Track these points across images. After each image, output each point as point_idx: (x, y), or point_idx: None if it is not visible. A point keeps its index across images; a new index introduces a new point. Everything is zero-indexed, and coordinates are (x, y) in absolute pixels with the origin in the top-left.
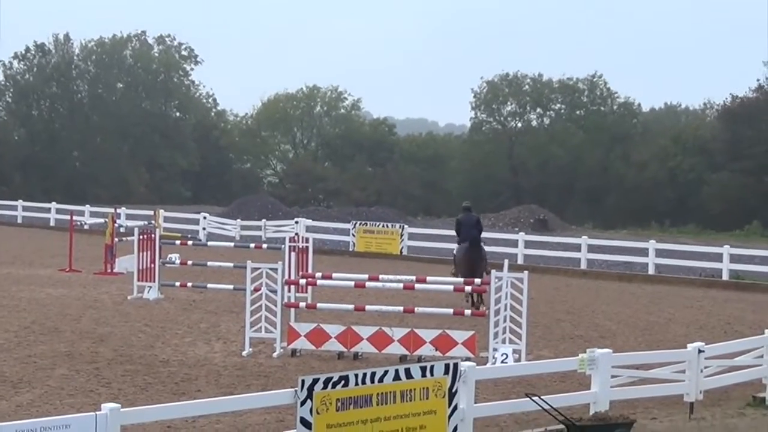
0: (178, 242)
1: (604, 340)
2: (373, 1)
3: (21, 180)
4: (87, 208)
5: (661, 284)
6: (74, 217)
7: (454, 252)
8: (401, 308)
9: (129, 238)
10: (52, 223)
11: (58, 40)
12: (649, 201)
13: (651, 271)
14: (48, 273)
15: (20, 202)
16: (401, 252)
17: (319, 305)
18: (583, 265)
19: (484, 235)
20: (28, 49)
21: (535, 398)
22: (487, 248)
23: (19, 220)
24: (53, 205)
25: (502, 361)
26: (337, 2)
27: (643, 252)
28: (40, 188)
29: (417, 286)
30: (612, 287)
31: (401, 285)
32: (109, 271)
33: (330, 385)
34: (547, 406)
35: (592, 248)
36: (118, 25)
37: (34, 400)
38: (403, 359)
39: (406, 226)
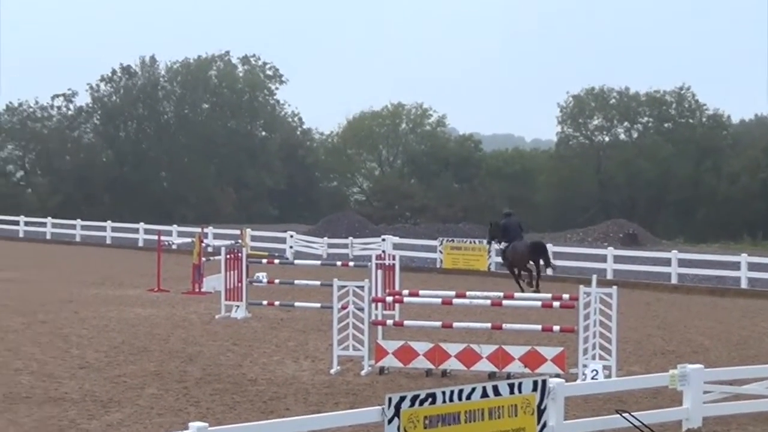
0: (265, 261)
1: (697, 355)
2: (458, 18)
3: (110, 201)
4: (174, 228)
5: (755, 298)
6: (162, 238)
7: (507, 248)
8: (489, 325)
9: (216, 258)
10: (140, 244)
11: (144, 62)
12: (740, 214)
13: (744, 285)
14: (137, 293)
15: (109, 223)
16: (489, 268)
17: (406, 323)
18: (674, 280)
19: (573, 249)
20: (114, 72)
21: (625, 415)
22: (575, 263)
23: (108, 241)
24: (141, 226)
25: (592, 378)
26: (421, 20)
27: (735, 266)
28: (128, 209)
29: (505, 302)
30: (704, 301)
31: (489, 301)
32: (196, 290)
33: (417, 403)
34: (638, 423)
35: (682, 262)
36: (203, 46)
37: (123, 419)
38: (491, 376)
39: (493, 243)
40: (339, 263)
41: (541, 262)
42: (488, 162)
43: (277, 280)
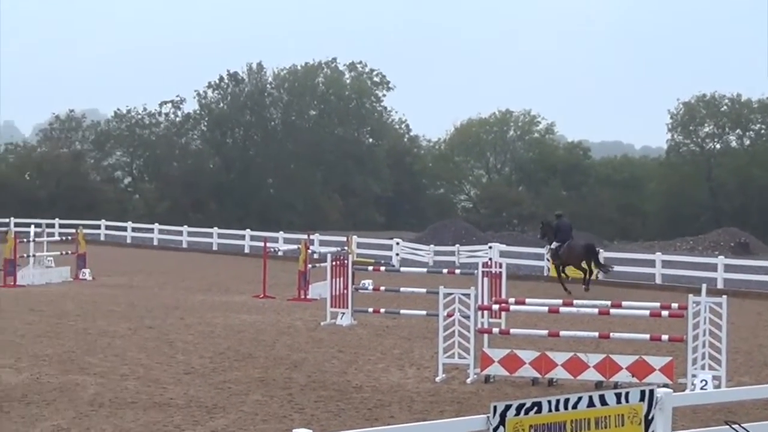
0: (371, 268)
1: None
2: (566, 24)
3: (216, 207)
4: (281, 235)
5: None
6: (268, 244)
7: (560, 248)
8: (596, 334)
9: (322, 265)
10: (246, 250)
11: (252, 68)
12: None
13: None
14: (242, 299)
15: (215, 230)
16: (596, 277)
17: (512, 331)
18: None
19: (683, 258)
20: (221, 79)
21: (735, 426)
22: (684, 272)
23: (215, 248)
24: (248, 232)
25: (701, 388)
26: (528, 26)
27: None
28: (234, 215)
29: (612, 311)
30: None
31: (596, 310)
32: (302, 297)
33: (523, 412)
34: None
35: None
36: (310, 52)
37: (228, 425)
38: (598, 386)
39: (601, 251)
40: (445, 271)
41: (592, 264)
42: (597, 169)
43: (382, 288)
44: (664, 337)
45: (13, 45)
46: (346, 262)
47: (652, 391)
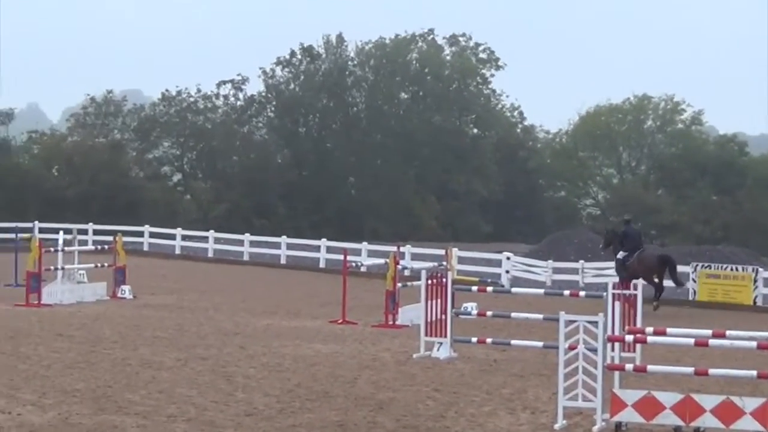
0: (475, 288)
1: None
2: None
3: (285, 212)
4: (364, 246)
5: None
6: (349, 257)
7: (628, 258)
8: (755, 373)
9: (415, 283)
10: (321, 264)
11: (330, 42)
12: None
13: None
14: (317, 325)
15: (284, 239)
16: (755, 302)
17: (649, 368)
18: None
19: None
20: (293, 54)
21: None
22: None
23: (283, 261)
24: (323, 243)
25: None
26: None
27: None
28: (307, 222)
29: None
30: None
31: (754, 343)
32: (390, 322)
33: None
34: None
35: None
36: (401, 23)
37: None
38: None
39: (761, 270)
40: (567, 292)
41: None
42: (756, 169)
43: (489, 313)
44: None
45: (39, 12)
46: (444, 280)
47: None
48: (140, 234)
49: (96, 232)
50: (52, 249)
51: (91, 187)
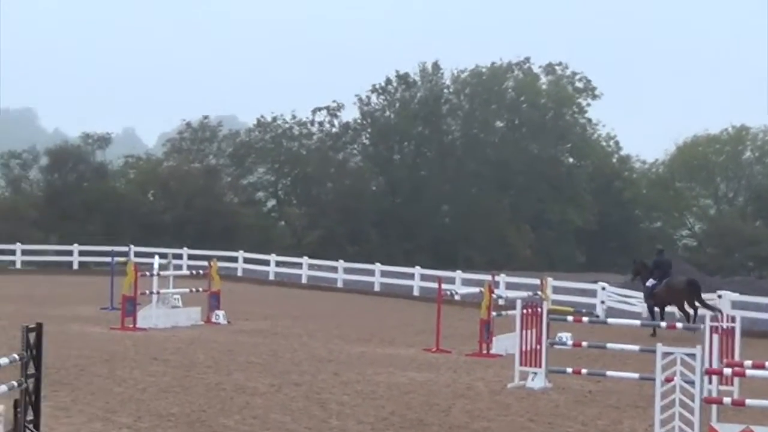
0: (570, 318)
1: None
2: None
3: (378, 239)
4: (458, 275)
5: None
6: (443, 286)
7: (657, 286)
8: None
9: (510, 312)
10: (415, 292)
11: (426, 70)
12: None
13: None
14: (411, 353)
15: (378, 266)
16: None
17: (748, 402)
18: None
19: None
20: (389, 81)
21: None
22: None
23: (377, 288)
24: (417, 270)
25: None
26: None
27: None
28: (400, 249)
29: None
30: None
31: None
32: (484, 351)
33: None
34: None
35: None
36: (497, 51)
37: None
38: None
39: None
40: (663, 324)
41: (697, 304)
42: None
43: (584, 343)
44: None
45: (139, 40)
46: (539, 310)
47: None
48: (234, 259)
49: (191, 257)
50: (147, 273)
51: (186, 212)
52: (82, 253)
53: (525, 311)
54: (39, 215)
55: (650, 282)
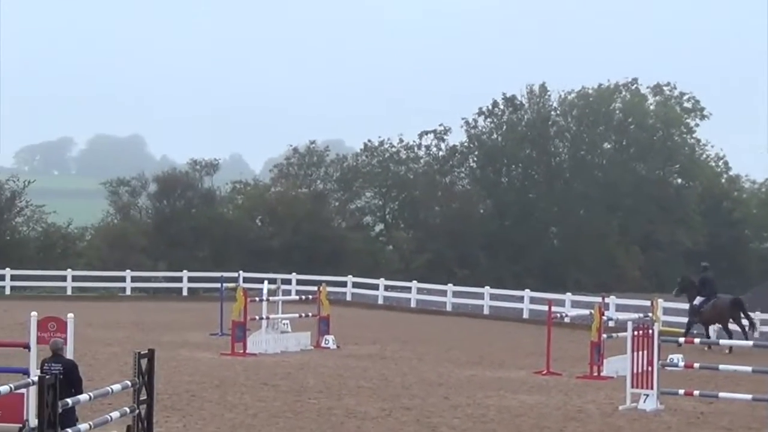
0: (681, 340)
1: None
2: None
3: (487, 262)
4: (567, 297)
5: None
6: (553, 308)
7: (704, 304)
8: None
9: (620, 334)
10: (525, 315)
11: (533, 92)
12: None
13: None
14: (521, 376)
15: (487, 289)
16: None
17: None
18: None
19: None
20: (495, 104)
21: None
22: None
23: (486, 311)
24: (527, 293)
25: None
26: None
27: None
28: (509, 272)
29: None
30: None
31: None
32: (595, 374)
33: None
34: None
35: None
36: (604, 72)
37: None
38: None
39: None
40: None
41: (743, 321)
42: None
43: (696, 364)
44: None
45: (245, 69)
46: (650, 331)
47: None
48: (343, 284)
49: (299, 282)
50: (256, 299)
51: (294, 237)
52: (191, 280)
53: (636, 333)
54: (148, 242)
55: (698, 300)
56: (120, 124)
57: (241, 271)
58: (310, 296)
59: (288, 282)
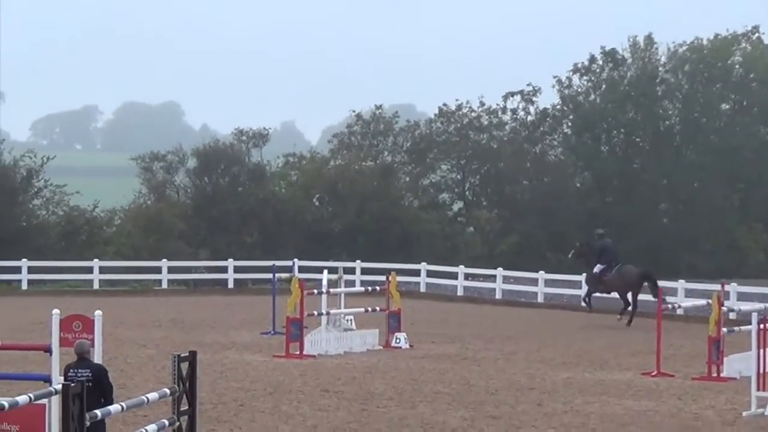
0: None
1: None
2: None
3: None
4: (680, 285)
5: None
6: (666, 298)
7: (607, 271)
8: None
9: (743, 328)
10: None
11: (636, 45)
12: None
13: None
14: (626, 377)
15: (584, 277)
16: None
17: None
18: None
19: None
20: (593, 59)
21: None
22: None
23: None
24: None
25: None
26: None
27: None
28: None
29: None
30: None
31: None
32: (714, 374)
33: None
34: None
35: None
36: (721, 20)
37: None
38: None
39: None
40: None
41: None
42: None
43: None
44: None
45: (293, 22)
46: None
47: None
48: (416, 273)
49: (364, 271)
50: (315, 291)
51: (358, 219)
52: (237, 270)
53: (762, 326)
54: (187, 227)
55: (598, 267)
56: (152, 89)
57: (296, 259)
58: (378, 287)
59: (351, 271)
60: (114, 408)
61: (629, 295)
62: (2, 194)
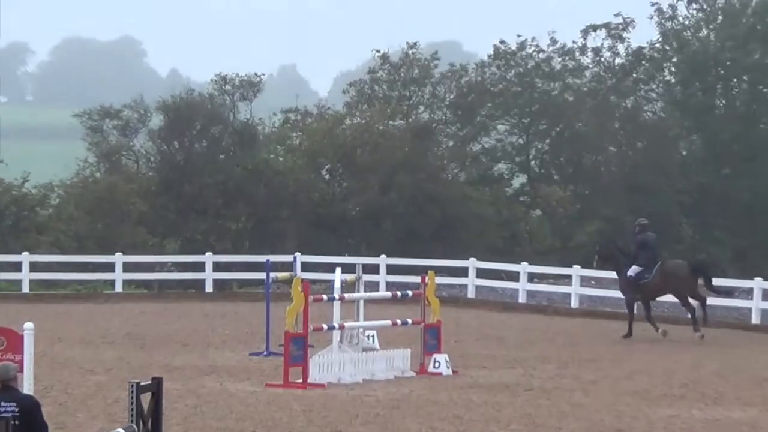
0: None
1: None
2: None
3: (692, 232)
4: None
5: None
6: None
7: (647, 274)
8: None
9: None
10: (754, 319)
11: None
12: None
13: None
14: (751, 416)
15: None
16: None
17: None
18: None
19: None
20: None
21: None
22: None
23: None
24: (757, 283)
25: None
26: None
27: None
28: (728, 247)
29: None
30: None
31: None
32: None
33: None
34: None
35: None
36: None
37: None
38: None
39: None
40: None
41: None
42: None
43: None
44: None
45: None
46: None
47: None
48: (462, 272)
49: (391, 270)
50: (324, 297)
51: (383, 198)
52: (218, 267)
53: None
54: (150, 208)
55: (633, 270)
56: (103, 21)
57: (298, 254)
58: (409, 292)
59: (374, 269)
60: None
61: (688, 299)
62: None
